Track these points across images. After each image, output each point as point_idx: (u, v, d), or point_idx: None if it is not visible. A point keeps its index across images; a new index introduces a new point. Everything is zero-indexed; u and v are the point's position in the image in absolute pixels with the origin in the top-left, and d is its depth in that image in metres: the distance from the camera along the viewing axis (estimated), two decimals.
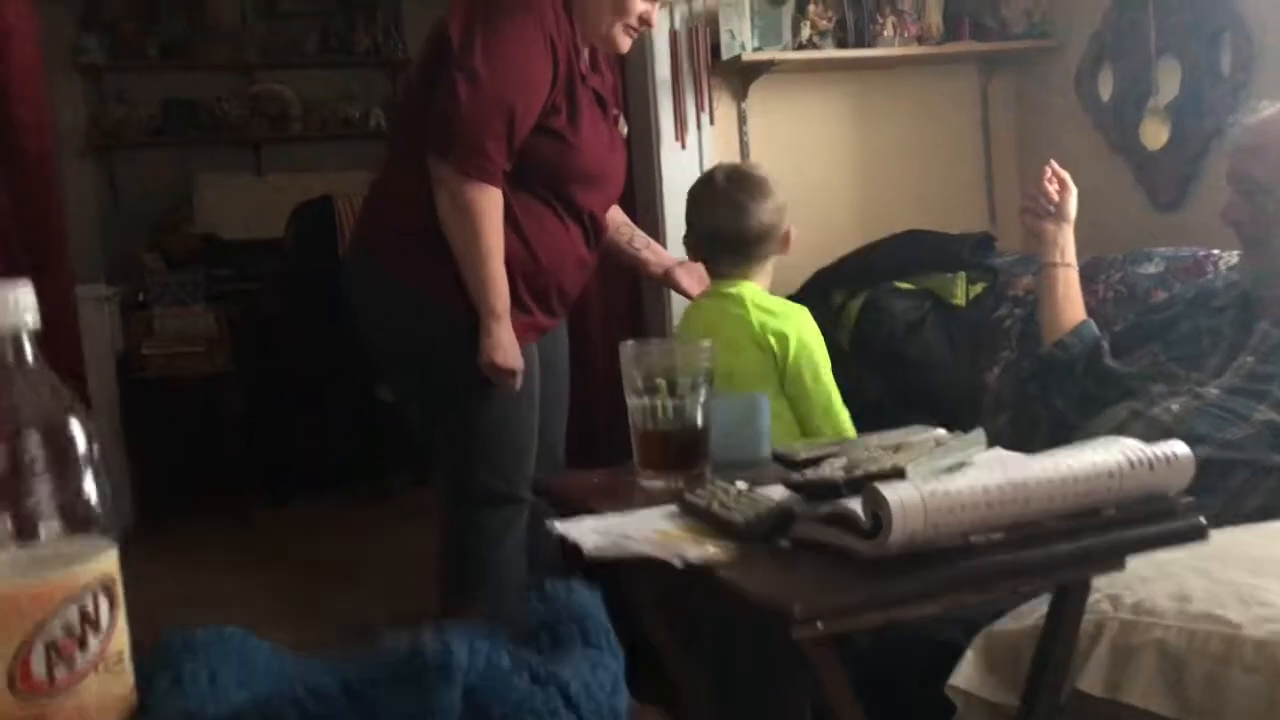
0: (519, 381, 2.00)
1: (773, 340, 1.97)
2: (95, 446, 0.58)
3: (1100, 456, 1.01)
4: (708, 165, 2.97)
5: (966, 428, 2.54)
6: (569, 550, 1.14)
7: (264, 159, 5.75)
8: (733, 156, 3.02)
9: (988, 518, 0.95)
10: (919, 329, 2.61)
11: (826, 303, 2.79)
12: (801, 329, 2.00)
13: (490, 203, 1.92)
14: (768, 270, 2.09)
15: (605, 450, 2.40)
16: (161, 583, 3.50)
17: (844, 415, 2.04)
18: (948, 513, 0.93)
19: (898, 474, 1.02)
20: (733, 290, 2.03)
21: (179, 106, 5.59)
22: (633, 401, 1.28)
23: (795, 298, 2.84)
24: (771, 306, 2.02)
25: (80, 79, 5.46)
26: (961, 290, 2.66)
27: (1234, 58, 2.58)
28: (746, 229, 2.03)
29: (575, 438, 2.36)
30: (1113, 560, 0.99)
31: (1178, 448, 1.04)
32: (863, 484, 1.03)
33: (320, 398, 4.51)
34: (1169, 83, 2.72)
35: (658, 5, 2.07)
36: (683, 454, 1.28)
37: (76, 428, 0.58)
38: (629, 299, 3.02)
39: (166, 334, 4.42)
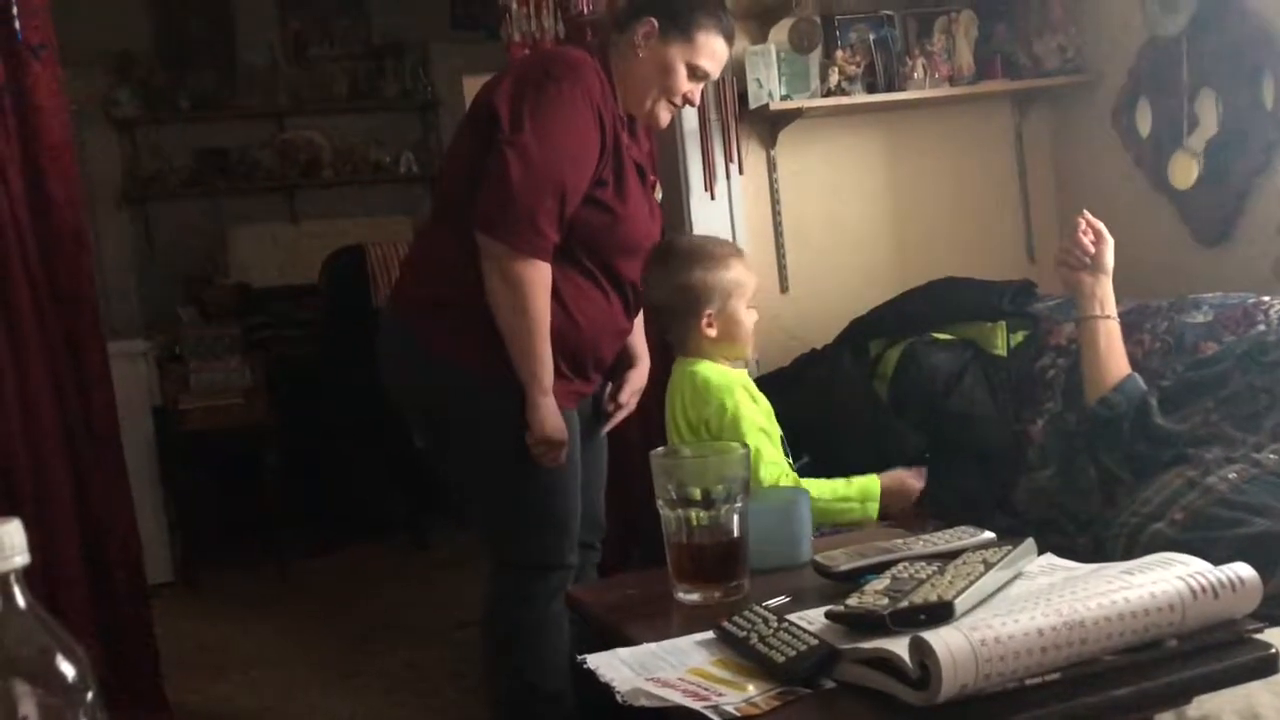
0: (565, 453, 1.97)
1: (704, 424, 1.97)
2: (90, 694, 0.55)
3: (1161, 586, 0.96)
4: (738, 215, 2.94)
5: (1011, 481, 2.49)
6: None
7: (297, 205, 5.79)
8: (763, 205, 2.98)
9: (1043, 662, 0.90)
10: (959, 381, 2.55)
11: (863, 353, 2.74)
12: (723, 407, 1.96)
13: (540, 278, 1.90)
14: (714, 349, 2.01)
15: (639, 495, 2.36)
16: (199, 637, 3.51)
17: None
18: (1000, 661, 0.88)
19: (945, 608, 0.97)
20: (676, 369, 2.04)
21: (211, 156, 5.64)
22: (665, 513, 1.24)
23: (832, 348, 2.81)
24: (700, 387, 1.98)
25: (114, 132, 5.53)
26: (1002, 340, 2.60)
27: (1277, 91, 2.51)
28: (651, 300, 2.04)
29: (610, 490, 2.33)
30: (1177, 700, 0.94)
31: (1243, 571, 0.99)
32: (909, 617, 0.99)
33: (357, 446, 4.50)
34: (1208, 118, 2.65)
35: (700, 86, 2.05)
36: (719, 566, 1.24)
37: (70, 673, 0.55)
38: (662, 358, 2.98)
39: (202, 388, 4.43)
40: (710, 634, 1.10)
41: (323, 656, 3.31)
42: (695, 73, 2.01)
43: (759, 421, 1.99)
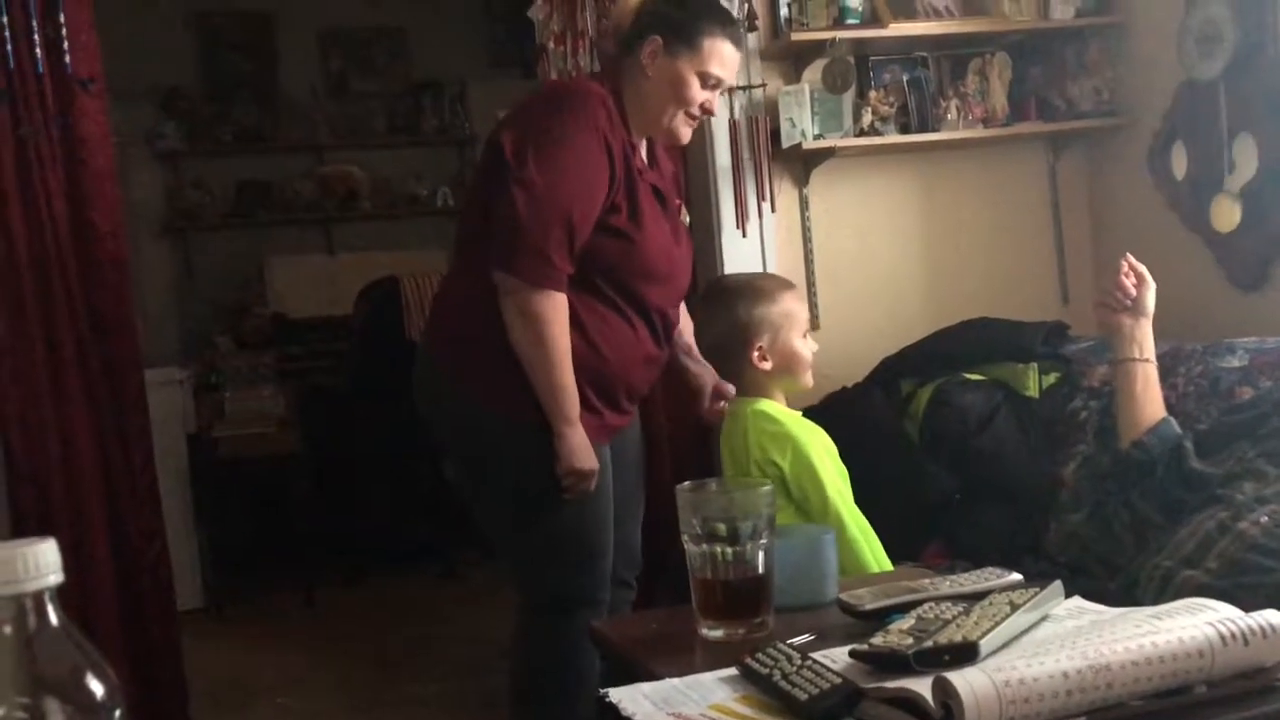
0: (594, 484, 1.96)
1: (772, 465, 1.89)
2: (118, 713, 0.56)
3: (1190, 632, 0.95)
4: (770, 253, 2.95)
5: (1042, 524, 2.47)
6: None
7: (334, 238, 5.86)
8: (795, 244, 2.99)
9: (1068, 705, 0.89)
10: (990, 422, 2.53)
11: (894, 393, 2.73)
12: (798, 450, 1.89)
13: (556, 309, 1.91)
14: (772, 384, 1.96)
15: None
16: (227, 666, 3.52)
17: (860, 546, 1.89)
18: (1024, 703, 0.88)
19: (969, 649, 0.96)
20: (735, 409, 1.96)
21: (252, 188, 5.73)
22: (690, 549, 1.24)
23: (862, 387, 2.80)
24: (771, 429, 1.91)
25: (158, 164, 5.64)
26: (1034, 381, 2.58)
27: None
28: (703, 342, 1.98)
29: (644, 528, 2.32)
30: None
31: (1274, 618, 0.97)
32: (933, 657, 0.98)
33: (388, 476, 4.52)
34: (1245, 162, 2.64)
35: (718, 93, 2.05)
36: (743, 603, 1.24)
37: (99, 691, 0.56)
38: None
39: (237, 416, 4.48)
40: (733, 670, 1.10)
41: (350, 685, 3.32)
42: (707, 81, 2.01)
43: (838, 482, 1.92)
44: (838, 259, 3.01)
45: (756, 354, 1.91)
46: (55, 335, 2.71)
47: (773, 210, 2.93)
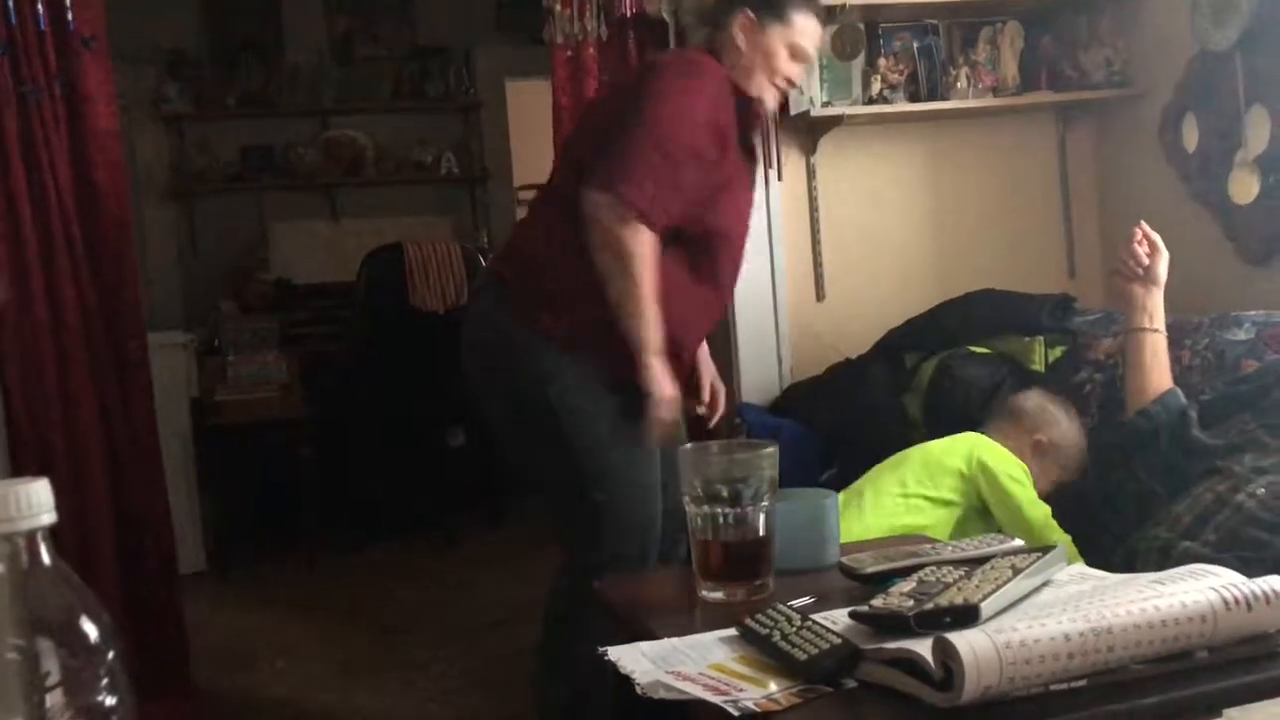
0: (674, 411, 1.94)
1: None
2: (112, 654, 0.55)
3: (1192, 596, 0.94)
4: (776, 221, 2.93)
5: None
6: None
7: (338, 204, 5.84)
8: (801, 212, 2.97)
9: (1069, 668, 0.89)
10: (995, 396, 2.52)
11: (898, 365, 2.72)
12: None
13: (645, 245, 1.89)
14: (1026, 459, 2.19)
15: None
16: (227, 629, 3.53)
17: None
18: (1025, 664, 0.87)
19: (970, 610, 0.96)
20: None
21: (256, 153, 5.70)
22: (691, 509, 1.23)
23: (866, 358, 2.79)
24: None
25: (162, 127, 5.61)
26: (1040, 355, 2.57)
27: None
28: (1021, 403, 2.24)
29: None
30: (1206, 712, 0.92)
31: (1277, 584, 0.97)
32: (934, 619, 0.98)
33: (390, 443, 4.52)
34: (1258, 134, 2.62)
35: (804, 68, 2.12)
36: (744, 565, 1.23)
37: (93, 633, 0.55)
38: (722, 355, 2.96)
39: (240, 380, 4.47)
40: (733, 631, 1.10)
41: (349, 650, 3.33)
42: (796, 53, 2.07)
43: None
44: (844, 228, 3.00)
45: (1039, 441, 2.20)
46: (58, 297, 2.70)
47: (779, 179, 2.92)
